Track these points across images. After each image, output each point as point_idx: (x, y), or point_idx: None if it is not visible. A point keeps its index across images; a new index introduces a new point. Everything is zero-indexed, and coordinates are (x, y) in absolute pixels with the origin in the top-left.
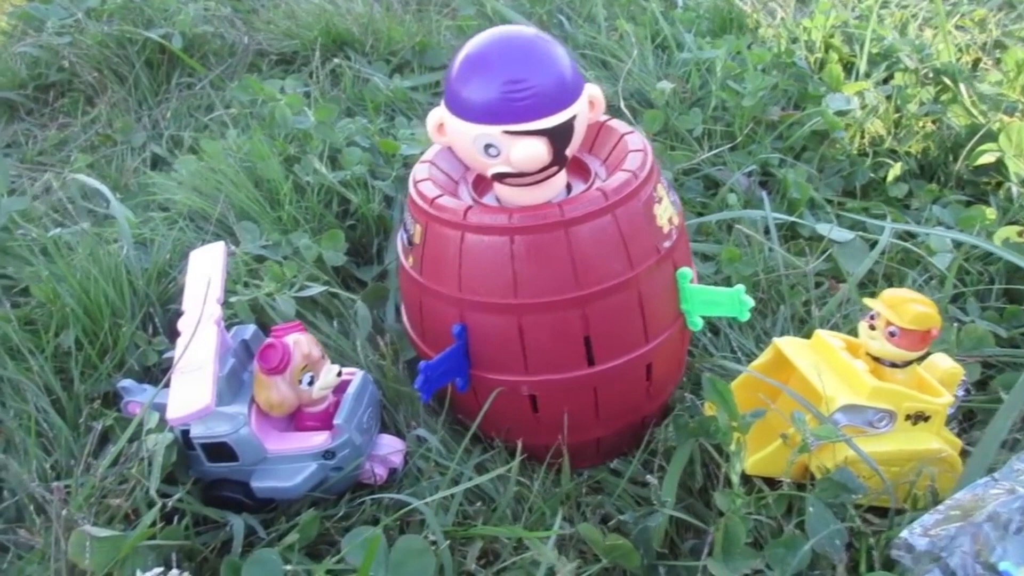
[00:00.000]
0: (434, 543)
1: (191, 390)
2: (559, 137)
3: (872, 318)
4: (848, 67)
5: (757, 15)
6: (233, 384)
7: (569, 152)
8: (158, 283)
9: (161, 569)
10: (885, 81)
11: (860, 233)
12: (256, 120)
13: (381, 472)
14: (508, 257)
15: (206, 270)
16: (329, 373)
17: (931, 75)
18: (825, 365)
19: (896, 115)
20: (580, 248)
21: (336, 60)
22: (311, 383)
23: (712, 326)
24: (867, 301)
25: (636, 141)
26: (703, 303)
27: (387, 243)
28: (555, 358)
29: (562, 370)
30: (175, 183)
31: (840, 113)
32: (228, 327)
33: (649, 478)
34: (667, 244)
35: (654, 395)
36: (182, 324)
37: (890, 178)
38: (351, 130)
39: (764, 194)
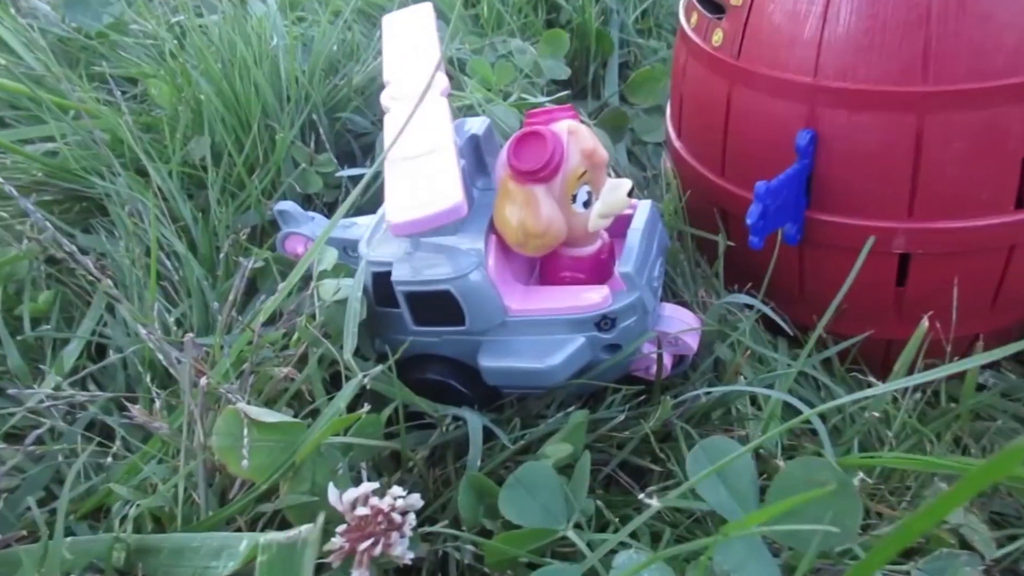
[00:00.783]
0: None
1: (424, 182)
2: None
3: None
4: None
5: None
6: None
7: None
8: (323, 83)
9: (376, 485)
10: None
11: None
12: None
13: (667, 360)
14: (922, 7)
15: (411, 36)
16: (617, 190)
17: None
18: None
19: None
20: None
21: None
22: (588, 204)
23: None
24: None
25: None
26: None
27: (604, 72)
28: (965, 191)
29: (970, 213)
30: None
31: None
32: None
33: None
34: None
35: None
36: (387, 99)
37: None
38: None
39: None
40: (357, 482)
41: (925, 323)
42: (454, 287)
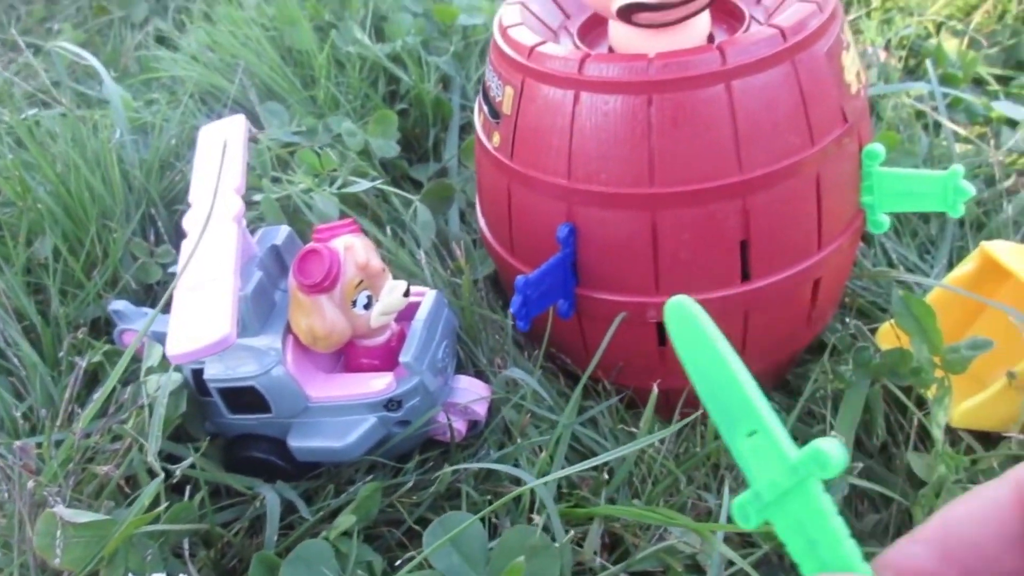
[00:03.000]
0: (547, 532)
1: (202, 314)
2: None
3: None
4: None
5: None
6: (261, 306)
7: None
8: (160, 177)
9: (163, 575)
10: None
11: None
12: None
13: (460, 426)
14: (643, 126)
15: (219, 154)
16: (393, 292)
17: None
18: None
19: None
20: (746, 111)
21: None
22: (368, 306)
23: None
24: None
25: None
26: (896, 195)
27: (445, 135)
28: (698, 271)
29: (705, 288)
30: (183, 57)
31: None
32: (253, 229)
33: (833, 434)
34: (855, 110)
35: (815, 321)
36: (188, 222)
37: None
38: None
39: (929, 63)
40: (177, 559)
41: (656, 389)
42: (258, 383)
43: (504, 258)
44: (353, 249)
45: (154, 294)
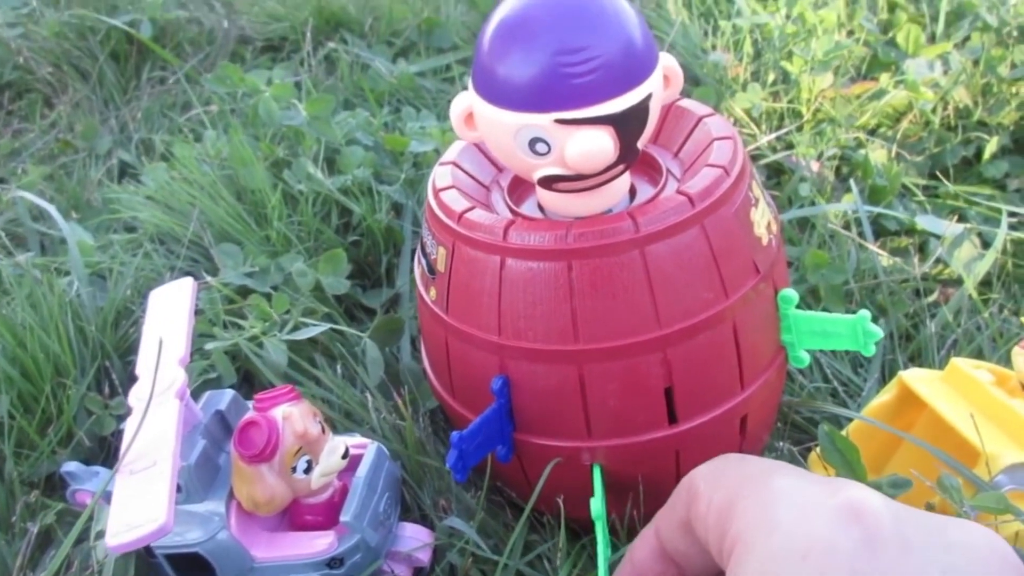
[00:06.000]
0: None
1: (140, 501)
2: (629, 125)
3: None
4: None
5: None
6: (205, 473)
7: (640, 144)
8: (115, 328)
9: None
10: (963, 43)
11: (965, 225)
12: (238, 117)
13: (407, 573)
14: (565, 289)
15: (169, 316)
16: (332, 455)
17: (1015, 33)
18: (974, 407)
19: (983, 81)
20: (660, 273)
21: (331, 44)
22: (308, 470)
23: None
24: None
25: (721, 126)
26: (812, 334)
27: (398, 260)
28: (627, 417)
29: (636, 432)
30: (142, 198)
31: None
32: (199, 392)
33: None
34: (767, 260)
35: (746, 452)
36: (134, 398)
37: (986, 155)
38: (351, 125)
39: (852, 183)
40: None
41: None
42: (203, 549)
43: (446, 400)
44: (291, 418)
45: (108, 445)
